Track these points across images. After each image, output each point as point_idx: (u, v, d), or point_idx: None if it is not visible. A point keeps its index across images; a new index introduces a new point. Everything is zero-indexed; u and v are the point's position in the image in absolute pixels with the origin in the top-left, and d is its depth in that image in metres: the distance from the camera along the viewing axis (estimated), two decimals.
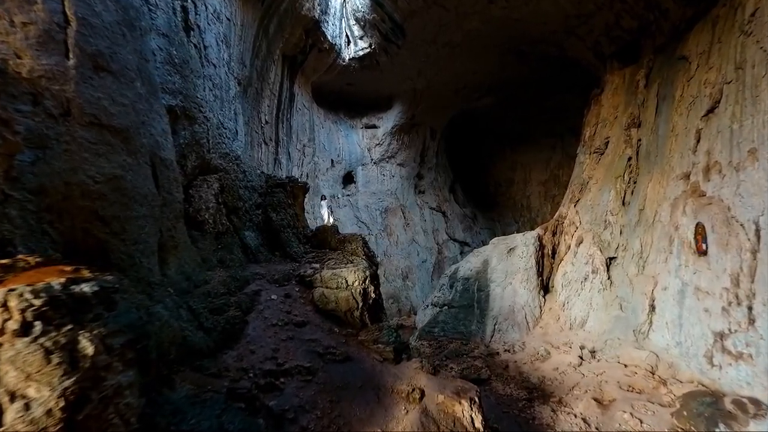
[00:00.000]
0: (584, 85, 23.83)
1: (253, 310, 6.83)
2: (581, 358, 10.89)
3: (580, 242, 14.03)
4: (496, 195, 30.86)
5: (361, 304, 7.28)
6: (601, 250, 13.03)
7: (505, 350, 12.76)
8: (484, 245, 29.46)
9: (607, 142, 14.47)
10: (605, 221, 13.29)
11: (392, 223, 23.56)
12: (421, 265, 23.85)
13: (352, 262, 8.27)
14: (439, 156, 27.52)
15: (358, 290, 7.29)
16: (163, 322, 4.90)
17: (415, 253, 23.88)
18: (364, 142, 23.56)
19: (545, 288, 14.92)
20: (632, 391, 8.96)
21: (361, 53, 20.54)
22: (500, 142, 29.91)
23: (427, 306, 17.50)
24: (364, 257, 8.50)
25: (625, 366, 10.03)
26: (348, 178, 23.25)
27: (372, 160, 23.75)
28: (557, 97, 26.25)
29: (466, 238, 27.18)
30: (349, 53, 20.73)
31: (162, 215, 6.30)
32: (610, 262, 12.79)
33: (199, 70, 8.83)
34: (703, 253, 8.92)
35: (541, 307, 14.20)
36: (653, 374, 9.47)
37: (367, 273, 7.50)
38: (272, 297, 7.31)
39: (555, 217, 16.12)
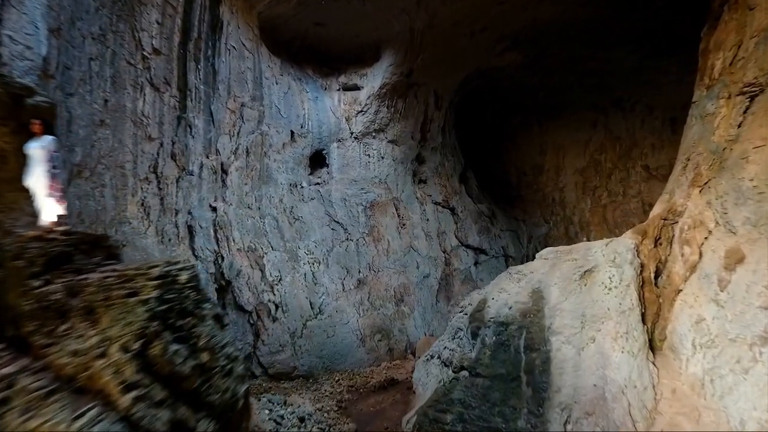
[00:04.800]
0: (647, 31, 17.35)
1: None
2: None
3: (737, 261, 7.12)
4: (520, 186, 24.47)
5: None
6: None
7: None
8: (505, 252, 22.61)
9: None
10: None
11: (381, 224, 16.81)
12: (422, 282, 17.05)
13: None
14: (447, 133, 20.79)
15: None
16: None
17: (413, 265, 17.10)
18: (341, 108, 16.77)
19: (650, 343, 8.05)
20: None
21: None
22: (526, 118, 23.61)
23: (432, 358, 10.69)
24: None
25: None
26: (317, 160, 16.49)
27: (352, 134, 16.96)
28: (604, 53, 19.79)
29: (483, 243, 20.38)
30: None
31: None
32: None
33: None
34: None
35: (654, 385, 7.32)
36: None
37: None
38: None
39: (657, 213, 9.24)
